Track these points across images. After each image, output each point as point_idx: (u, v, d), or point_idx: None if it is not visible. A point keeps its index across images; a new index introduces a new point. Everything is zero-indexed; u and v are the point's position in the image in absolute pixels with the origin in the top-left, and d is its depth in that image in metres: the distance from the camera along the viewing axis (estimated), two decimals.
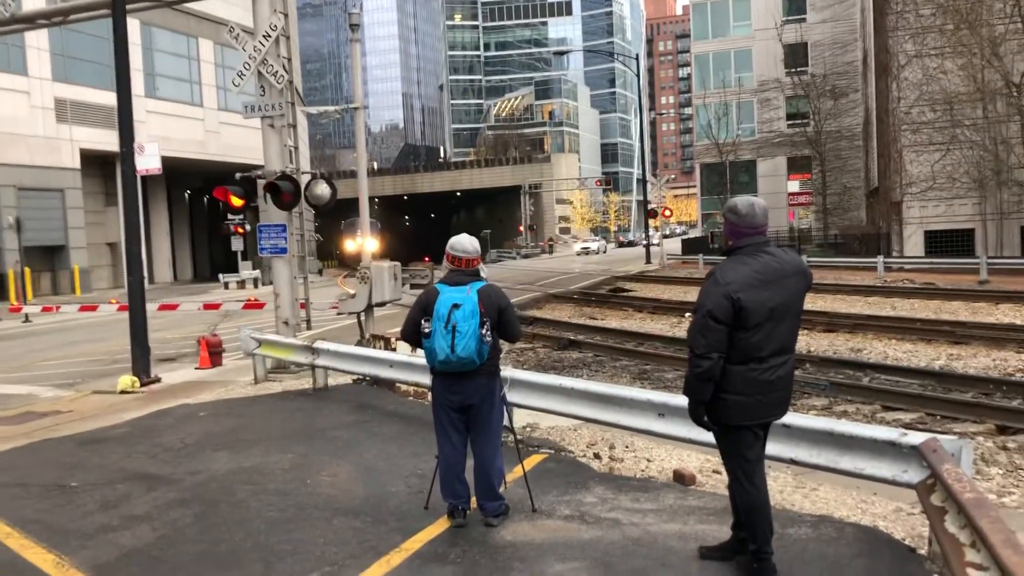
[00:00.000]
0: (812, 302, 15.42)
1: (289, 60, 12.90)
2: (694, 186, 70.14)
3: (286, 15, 12.84)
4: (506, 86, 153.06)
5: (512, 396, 7.27)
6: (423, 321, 5.27)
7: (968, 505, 3.80)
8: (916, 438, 4.72)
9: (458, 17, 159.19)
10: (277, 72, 12.46)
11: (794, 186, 50.98)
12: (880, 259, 30.41)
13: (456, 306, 5.17)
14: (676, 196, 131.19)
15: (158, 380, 12.52)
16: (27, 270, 34.47)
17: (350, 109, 14.14)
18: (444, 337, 5.15)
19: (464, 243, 5.45)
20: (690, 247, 51.87)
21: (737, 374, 4.25)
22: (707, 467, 7.05)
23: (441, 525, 5.51)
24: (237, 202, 13.43)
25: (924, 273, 29.17)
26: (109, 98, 13.33)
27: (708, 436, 5.74)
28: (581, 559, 4.88)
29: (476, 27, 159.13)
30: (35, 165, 38.60)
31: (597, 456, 7.50)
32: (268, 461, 7.44)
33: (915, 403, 9.75)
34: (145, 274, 13.82)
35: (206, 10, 40.89)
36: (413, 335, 5.40)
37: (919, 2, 33.65)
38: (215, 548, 5.37)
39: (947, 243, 33.54)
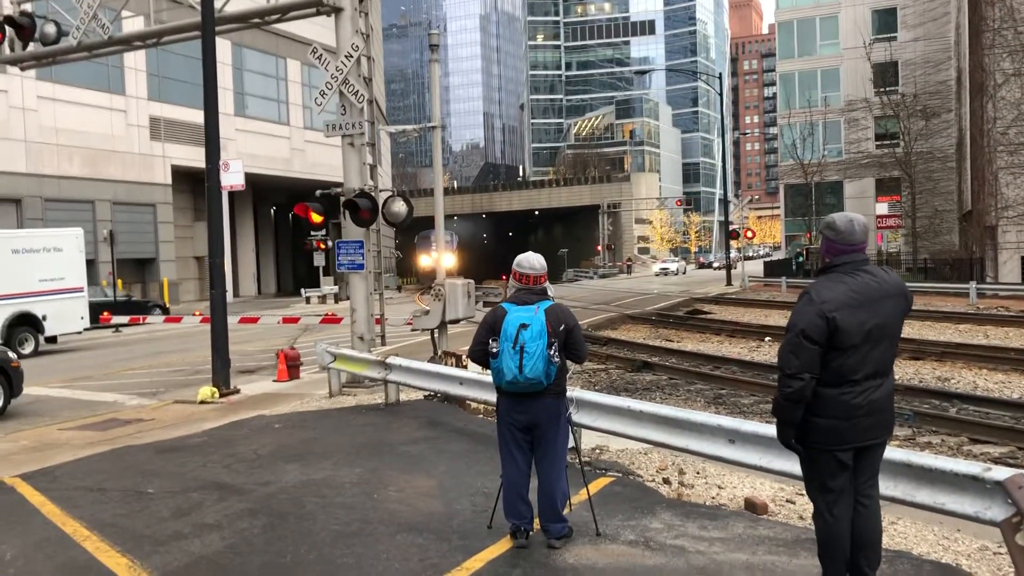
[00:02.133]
0: None
1: (370, 80, 13.14)
2: (778, 207, 68.74)
3: (368, 36, 13.10)
4: (587, 105, 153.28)
5: (580, 417, 7.20)
6: (491, 341, 5.24)
7: None
8: (1001, 473, 4.47)
9: (540, 37, 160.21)
10: (358, 92, 12.70)
11: (882, 208, 49.52)
12: (972, 285, 29.25)
13: (524, 326, 5.12)
14: (760, 217, 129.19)
15: (237, 391, 12.82)
16: (119, 281, 35.80)
17: (428, 128, 14.30)
18: (512, 357, 5.11)
19: (532, 260, 5.41)
20: (772, 269, 50.83)
21: (829, 397, 4.09)
22: (780, 496, 6.85)
23: (503, 545, 5.47)
24: (317, 218, 13.74)
25: (1021, 300, 27.94)
26: (200, 116, 13.78)
27: (779, 464, 5.61)
28: None
29: (558, 47, 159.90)
30: (129, 180, 40.26)
31: (666, 481, 7.35)
32: (337, 474, 7.51)
33: (1006, 436, 9.30)
34: (229, 287, 14.20)
35: (293, 31, 42.23)
36: (481, 355, 5.37)
37: (1018, 19, 32.45)
38: (279, 560, 5.43)
39: None
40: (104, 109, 39.02)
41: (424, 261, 73.01)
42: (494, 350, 5.22)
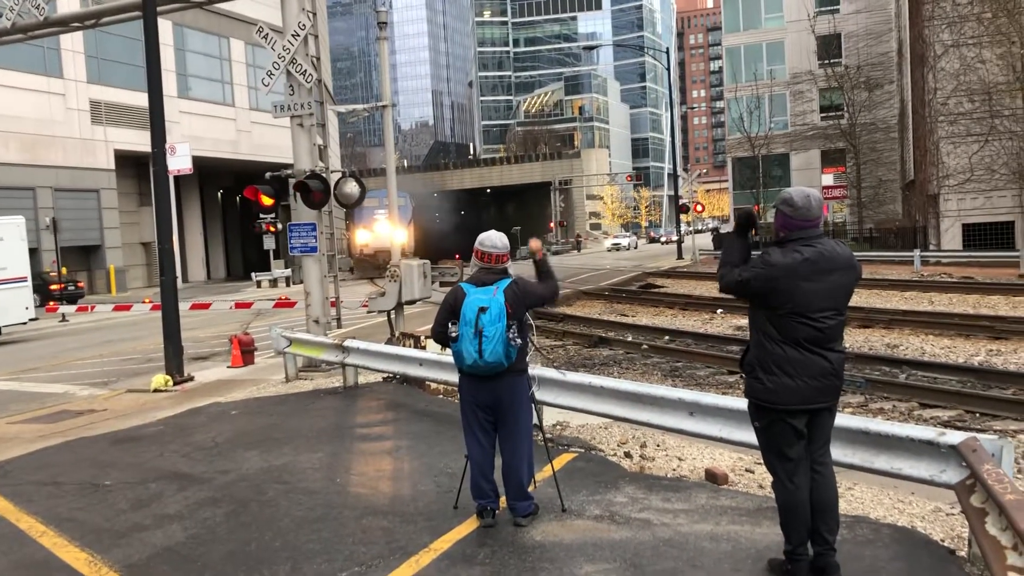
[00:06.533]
0: None
1: (318, 59, 12.94)
2: (726, 180, 69.40)
3: (314, 14, 12.88)
4: (535, 82, 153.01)
5: (541, 394, 7.22)
6: (450, 324, 5.23)
7: (1010, 507, 3.69)
8: (955, 437, 4.60)
9: (487, 13, 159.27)
10: (306, 71, 12.50)
11: (828, 179, 50.30)
12: (917, 253, 29.95)
13: (483, 310, 5.11)
14: (708, 191, 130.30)
15: (191, 379, 12.63)
16: (64, 270, 34.97)
17: (378, 107, 14.14)
18: (471, 342, 5.10)
19: (494, 239, 5.41)
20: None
21: (786, 358, 4.20)
22: (739, 466, 6.96)
23: (470, 525, 5.48)
24: (267, 201, 13.53)
25: (962, 267, 28.68)
26: (143, 99, 13.48)
27: (739, 435, 5.70)
28: (611, 560, 4.82)
29: (505, 23, 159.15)
30: (71, 166, 39.23)
31: (628, 455, 7.43)
32: (298, 460, 7.45)
33: (953, 400, 9.55)
34: (178, 273, 13.99)
35: (237, 10, 41.25)
36: (442, 337, 5.37)
37: None
38: (245, 548, 5.37)
39: (986, 236, 32.92)
40: (42, 93, 37.89)
41: (361, 237, 48.10)
42: (453, 334, 5.21)
